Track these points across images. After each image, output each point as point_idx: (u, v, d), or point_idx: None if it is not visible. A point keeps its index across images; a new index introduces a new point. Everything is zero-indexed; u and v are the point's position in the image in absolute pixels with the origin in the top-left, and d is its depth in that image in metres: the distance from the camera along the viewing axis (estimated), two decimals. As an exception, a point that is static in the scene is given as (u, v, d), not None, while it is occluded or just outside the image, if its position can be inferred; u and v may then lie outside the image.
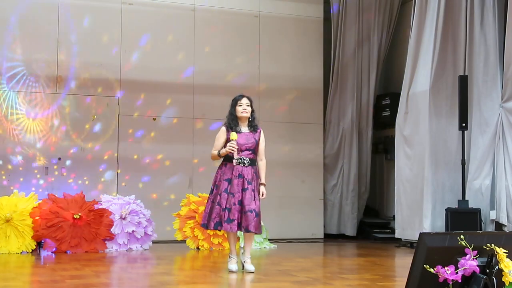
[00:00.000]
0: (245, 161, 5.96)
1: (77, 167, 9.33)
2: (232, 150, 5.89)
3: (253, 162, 6.01)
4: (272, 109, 10.32)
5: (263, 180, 6.07)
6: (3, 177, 9.01)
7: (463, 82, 8.38)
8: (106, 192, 8.99)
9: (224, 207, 5.90)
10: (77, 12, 9.47)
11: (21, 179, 9.07)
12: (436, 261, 3.36)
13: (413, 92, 9.02)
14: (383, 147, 11.08)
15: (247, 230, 5.88)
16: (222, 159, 6.08)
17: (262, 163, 6.11)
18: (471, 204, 8.34)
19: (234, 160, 5.91)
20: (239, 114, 6.10)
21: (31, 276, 6.18)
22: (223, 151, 5.97)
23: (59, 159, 9.26)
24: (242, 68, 10.24)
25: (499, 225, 8.09)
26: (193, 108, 9.96)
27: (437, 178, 8.73)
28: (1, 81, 9.08)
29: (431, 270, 3.34)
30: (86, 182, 9.36)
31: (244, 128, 6.10)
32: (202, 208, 8.61)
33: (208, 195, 6.18)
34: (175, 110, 9.88)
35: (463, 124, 8.32)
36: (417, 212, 8.78)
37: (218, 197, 5.95)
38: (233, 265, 6.07)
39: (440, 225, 8.54)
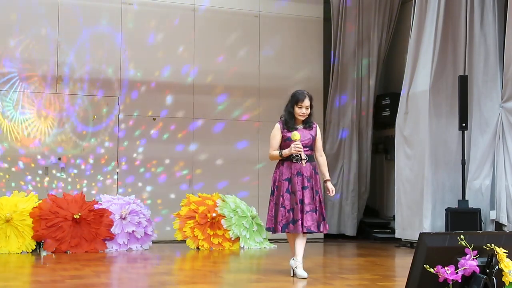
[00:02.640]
0: (304, 159, 5.73)
1: (77, 167, 9.34)
2: (299, 151, 5.65)
3: (310, 159, 5.80)
4: (272, 109, 10.30)
5: (328, 176, 5.89)
6: (3, 177, 9.01)
7: (463, 82, 8.37)
8: (106, 192, 9.00)
9: (288, 208, 5.69)
10: (77, 12, 9.47)
11: (21, 179, 9.07)
12: (436, 261, 3.36)
13: (413, 92, 9.02)
14: (383, 147, 11.08)
15: (309, 231, 5.65)
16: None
17: (322, 159, 5.94)
18: (471, 204, 8.34)
19: (303, 161, 5.68)
20: (296, 116, 5.84)
21: (31, 276, 6.18)
22: (286, 152, 5.70)
23: (59, 159, 9.26)
24: (242, 68, 10.24)
25: (499, 225, 8.09)
26: (193, 108, 9.96)
27: (437, 178, 8.73)
28: (1, 81, 9.09)
29: (431, 270, 3.34)
30: (86, 182, 9.36)
31: (300, 125, 5.88)
32: (202, 208, 8.62)
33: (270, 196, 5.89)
34: (175, 110, 9.88)
35: (463, 124, 8.32)
36: (417, 212, 8.77)
37: (281, 198, 5.71)
38: (302, 272, 5.68)
39: (440, 225, 8.54)
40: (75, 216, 7.91)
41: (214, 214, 8.57)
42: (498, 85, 8.42)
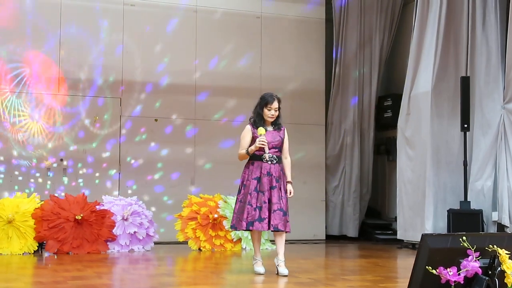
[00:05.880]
0: (273, 159, 5.92)
1: (79, 168, 9.34)
2: (263, 144, 5.84)
3: (279, 160, 5.98)
4: (274, 110, 10.31)
5: (289, 178, 6.04)
6: (5, 178, 9.02)
7: (465, 83, 8.37)
8: (107, 193, 9.00)
9: (255, 206, 5.83)
10: (79, 12, 9.48)
11: (23, 180, 9.08)
12: (438, 263, 3.36)
13: (415, 93, 9.01)
14: (385, 148, 11.07)
15: (276, 229, 5.80)
16: (248, 157, 6.01)
17: (287, 161, 6.09)
18: (473, 205, 8.33)
19: (266, 155, 5.86)
20: (265, 117, 6.04)
21: (33, 277, 6.18)
22: (252, 148, 5.90)
23: (61, 160, 9.27)
24: (244, 69, 10.24)
25: (501, 226, 8.08)
26: (194, 108, 9.97)
27: (439, 179, 8.72)
28: (2, 83, 9.10)
29: (433, 271, 3.34)
30: (88, 183, 9.37)
31: (269, 127, 6.05)
32: (204, 209, 8.62)
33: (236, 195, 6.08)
34: (176, 111, 9.88)
35: (465, 125, 8.32)
36: (419, 213, 8.77)
37: (249, 196, 5.86)
38: (260, 267, 5.99)
39: (442, 226, 8.53)
40: (77, 217, 7.92)
41: (216, 215, 8.57)
42: (500, 86, 8.41)
